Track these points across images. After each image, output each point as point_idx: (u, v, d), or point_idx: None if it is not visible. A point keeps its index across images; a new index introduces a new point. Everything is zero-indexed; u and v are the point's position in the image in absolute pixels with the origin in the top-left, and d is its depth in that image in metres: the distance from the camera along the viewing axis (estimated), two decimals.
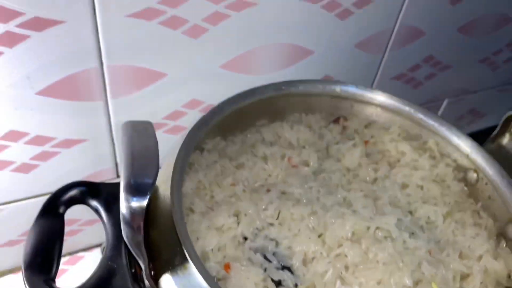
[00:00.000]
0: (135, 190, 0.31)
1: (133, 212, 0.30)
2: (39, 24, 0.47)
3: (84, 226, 0.71)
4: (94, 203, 0.38)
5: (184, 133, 0.39)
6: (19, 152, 0.57)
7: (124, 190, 0.30)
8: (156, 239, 0.33)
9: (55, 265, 0.34)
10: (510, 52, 0.95)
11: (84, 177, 0.64)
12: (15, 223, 0.64)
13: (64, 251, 0.40)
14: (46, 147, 0.58)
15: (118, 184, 0.35)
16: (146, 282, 0.31)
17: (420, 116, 0.50)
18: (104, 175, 0.66)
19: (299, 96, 0.50)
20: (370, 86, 0.80)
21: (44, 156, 0.59)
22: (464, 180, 0.48)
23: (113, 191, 0.37)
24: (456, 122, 1.06)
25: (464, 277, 0.41)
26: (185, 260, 0.31)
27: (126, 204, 0.30)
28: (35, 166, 0.59)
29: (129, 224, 0.31)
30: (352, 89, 0.50)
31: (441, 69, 0.87)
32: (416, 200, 0.46)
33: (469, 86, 0.98)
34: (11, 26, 0.46)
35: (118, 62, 0.54)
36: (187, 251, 0.31)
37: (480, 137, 0.49)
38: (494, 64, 0.96)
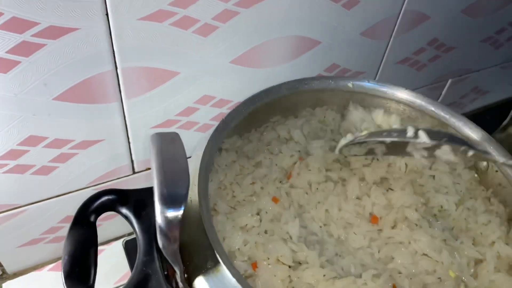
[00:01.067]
0: (170, 201, 0.32)
1: (169, 223, 0.31)
2: (54, 32, 0.48)
3: (102, 221, 0.73)
4: (124, 210, 0.39)
5: (202, 132, 0.40)
6: (38, 156, 0.58)
7: (159, 201, 0.32)
8: (188, 244, 0.35)
9: (92, 273, 0.36)
10: None
11: (102, 175, 0.66)
12: (37, 223, 0.66)
13: None
14: (64, 149, 0.59)
15: (145, 190, 0.37)
16: (181, 285, 0.33)
17: (431, 108, 0.51)
18: (121, 172, 0.68)
19: (312, 92, 0.51)
20: (376, 71, 0.81)
21: (62, 158, 0.60)
22: (475, 168, 0.50)
23: (141, 197, 0.39)
24: (459, 100, 1.07)
25: (477, 262, 0.43)
26: (217, 263, 0.32)
27: (162, 216, 0.32)
28: (54, 168, 0.61)
29: (166, 235, 0.32)
30: (363, 84, 0.51)
31: (445, 50, 0.88)
32: (429, 190, 0.48)
33: (472, 65, 0.98)
34: (27, 36, 0.47)
35: (131, 64, 0.55)
36: (219, 255, 0.32)
37: (483, 114, 0.50)
38: (497, 43, 0.96)
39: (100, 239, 0.77)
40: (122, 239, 0.76)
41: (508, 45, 0.99)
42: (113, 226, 0.75)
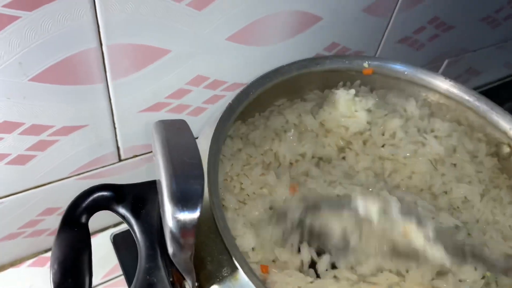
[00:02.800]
0: (184, 200, 0.26)
1: (183, 227, 0.26)
2: (29, 3, 0.41)
3: None
4: (121, 209, 0.34)
5: (211, 122, 0.35)
6: (14, 144, 0.52)
7: (169, 201, 0.26)
8: (198, 247, 0.30)
9: (87, 282, 0.31)
10: (511, 9, 0.93)
11: (85, 163, 0.60)
12: (15, 216, 0.61)
13: None
14: (43, 136, 0.53)
15: (144, 184, 0.32)
16: None
17: (454, 90, 0.47)
18: (106, 160, 0.62)
19: (321, 73, 0.47)
20: (376, 51, 0.77)
21: (41, 146, 0.54)
22: (497, 155, 0.47)
23: (139, 193, 0.33)
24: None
25: (507, 258, 0.40)
26: (234, 269, 0.28)
27: (174, 219, 0.26)
28: (32, 157, 0.55)
29: (177, 241, 0.27)
30: (380, 63, 0.47)
31: (444, 30, 0.84)
32: (451, 180, 0.44)
33: (469, 45, 0.96)
34: None
35: (118, 41, 0.49)
36: (237, 261, 0.28)
37: None
38: (495, 22, 0.93)
39: None
40: (108, 231, 0.71)
41: (505, 24, 0.96)
42: (98, 216, 0.69)
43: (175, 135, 0.29)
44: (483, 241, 0.39)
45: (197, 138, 0.63)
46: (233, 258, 0.28)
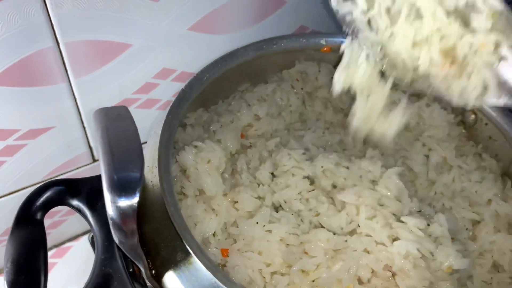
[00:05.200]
0: (122, 187, 0.26)
1: (122, 214, 0.26)
2: None
3: (67, 216, 0.68)
4: (75, 202, 0.34)
5: (164, 110, 0.35)
6: None
7: (108, 189, 0.26)
8: (151, 234, 0.30)
9: (42, 279, 0.31)
10: None
11: (58, 166, 0.60)
12: None
13: (49, 244, 0.36)
14: (9, 141, 0.53)
15: (99, 177, 0.31)
16: (148, 283, 0.28)
17: None
18: (80, 161, 0.62)
19: (281, 54, 0.46)
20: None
21: (8, 151, 0.53)
22: (462, 123, 0.46)
23: (95, 186, 0.33)
24: None
25: (475, 223, 0.40)
26: (188, 255, 0.28)
27: (113, 206, 0.26)
28: (0, 163, 0.54)
29: (119, 228, 0.26)
30: (338, 39, 0.46)
31: None
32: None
33: None
34: None
35: (75, 38, 0.48)
36: (189, 246, 0.27)
37: None
38: None
39: (67, 235, 0.72)
40: (89, 235, 0.71)
41: None
42: (79, 219, 0.69)
43: (115, 122, 0.29)
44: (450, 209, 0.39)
45: None
46: (184, 242, 0.28)
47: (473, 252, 0.39)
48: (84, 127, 0.58)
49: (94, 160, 0.63)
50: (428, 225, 0.38)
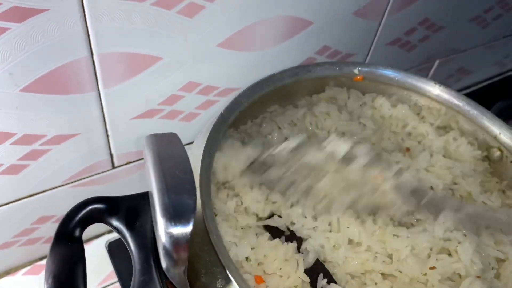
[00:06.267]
0: (176, 215, 0.26)
1: (175, 242, 0.26)
2: (19, 14, 0.41)
3: None
4: (114, 221, 0.34)
5: (203, 133, 0.35)
6: (6, 154, 0.52)
7: (162, 216, 0.26)
8: (191, 259, 0.30)
9: None
10: (500, 9, 0.93)
11: (78, 171, 0.60)
12: (9, 225, 0.60)
13: None
14: (36, 146, 0.53)
15: (138, 196, 0.32)
16: None
17: (444, 95, 0.48)
18: (99, 167, 0.62)
19: (313, 80, 0.47)
20: (367, 53, 0.77)
21: (34, 155, 0.54)
22: (488, 159, 0.47)
23: (134, 205, 0.33)
24: (445, 81, 1.05)
25: (499, 261, 0.40)
26: (228, 283, 0.28)
27: (167, 234, 0.26)
28: (24, 166, 0.55)
29: (170, 256, 0.27)
30: (370, 70, 0.47)
31: (435, 30, 0.85)
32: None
33: (458, 45, 0.96)
34: None
35: (109, 50, 0.49)
36: (231, 274, 0.28)
37: (468, 95, 0.48)
38: (485, 22, 0.94)
39: None
40: (102, 238, 0.71)
41: (494, 24, 0.97)
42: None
43: (167, 149, 0.30)
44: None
45: (191, 143, 0.63)
46: (227, 270, 0.28)
47: (495, 284, 0.39)
48: (107, 135, 0.58)
49: (114, 167, 0.64)
50: None
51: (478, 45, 1.01)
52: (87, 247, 0.71)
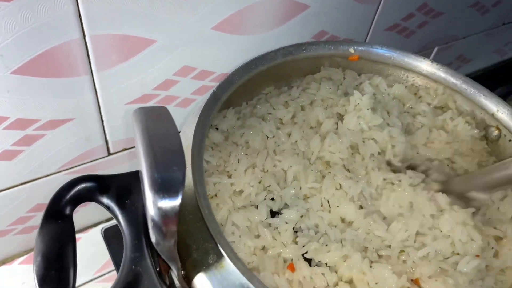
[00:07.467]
0: (165, 188, 0.26)
1: (164, 215, 0.26)
2: None
3: (78, 207, 0.67)
4: (105, 199, 0.33)
5: (194, 111, 0.35)
6: None
7: (150, 189, 0.26)
8: (182, 236, 0.30)
9: (71, 275, 0.30)
10: None
11: (73, 158, 0.60)
12: (4, 213, 0.60)
13: None
14: (29, 131, 0.53)
15: (129, 175, 0.32)
16: (177, 283, 0.28)
17: (441, 74, 0.47)
18: (95, 154, 0.62)
19: (308, 59, 0.46)
20: (364, 39, 0.76)
21: (27, 141, 0.53)
22: (485, 138, 0.47)
23: (125, 183, 0.33)
24: None
25: (498, 240, 0.40)
26: (220, 257, 0.28)
27: (156, 207, 0.26)
28: (18, 152, 0.54)
29: (160, 230, 0.26)
30: (366, 49, 0.46)
31: (434, 16, 0.84)
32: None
33: (458, 32, 0.95)
34: None
35: (102, 31, 0.48)
36: (223, 249, 0.27)
37: None
38: (484, 8, 0.93)
39: (76, 226, 0.73)
40: (100, 226, 0.71)
41: (494, 11, 0.96)
42: (89, 212, 0.69)
43: (156, 122, 0.29)
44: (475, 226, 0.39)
45: None
46: (218, 245, 0.28)
47: (495, 269, 0.39)
48: (102, 121, 0.58)
49: (109, 154, 0.63)
50: None
51: (477, 32, 1.00)
52: (84, 236, 0.71)
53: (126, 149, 0.64)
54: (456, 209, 0.40)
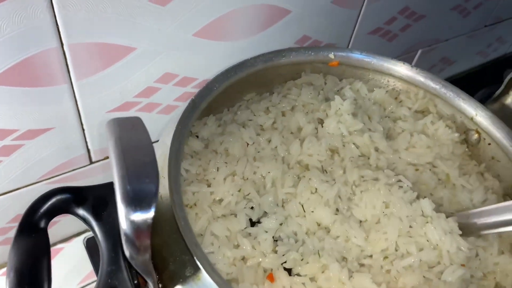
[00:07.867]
0: (137, 201, 0.25)
1: (137, 228, 0.25)
2: None
3: (60, 217, 0.66)
4: (81, 211, 0.33)
5: (173, 118, 0.34)
6: None
7: (122, 202, 0.25)
8: (159, 248, 0.29)
9: None
10: None
11: (55, 167, 0.59)
12: None
13: None
14: (7, 141, 0.52)
15: (105, 186, 0.31)
16: None
17: (420, 78, 0.47)
18: (76, 163, 0.61)
19: (288, 65, 0.46)
20: (347, 43, 0.77)
21: (5, 151, 0.53)
22: (466, 142, 0.47)
23: (101, 194, 0.32)
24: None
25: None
26: (197, 270, 0.27)
27: (128, 220, 0.25)
28: None
29: (133, 243, 0.26)
30: (346, 54, 0.46)
31: (416, 19, 0.84)
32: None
33: (440, 35, 0.96)
34: None
35: (80, 40, 0.48)
36: (199, 262, 0.27)
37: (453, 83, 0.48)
38: (465, 11, 0.94)
39: (58, 236, 0.71)
40: (83, 236, 0.70)
41: (475, 13, 0.97)
42: (71, 221, 0.68)
43: (129, 133, 0.28)
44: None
45: None
46: (195, 258, 0.28)
47: (477, 273, 0.39)
48: (83, 129, 0.57)
49: (92, 162, 0.62)
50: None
51: (460, 35, 1.01)
52: (67, 245, 0.70)
53: (108, 158, 0.63)
54: (442, 217, 0.40)
